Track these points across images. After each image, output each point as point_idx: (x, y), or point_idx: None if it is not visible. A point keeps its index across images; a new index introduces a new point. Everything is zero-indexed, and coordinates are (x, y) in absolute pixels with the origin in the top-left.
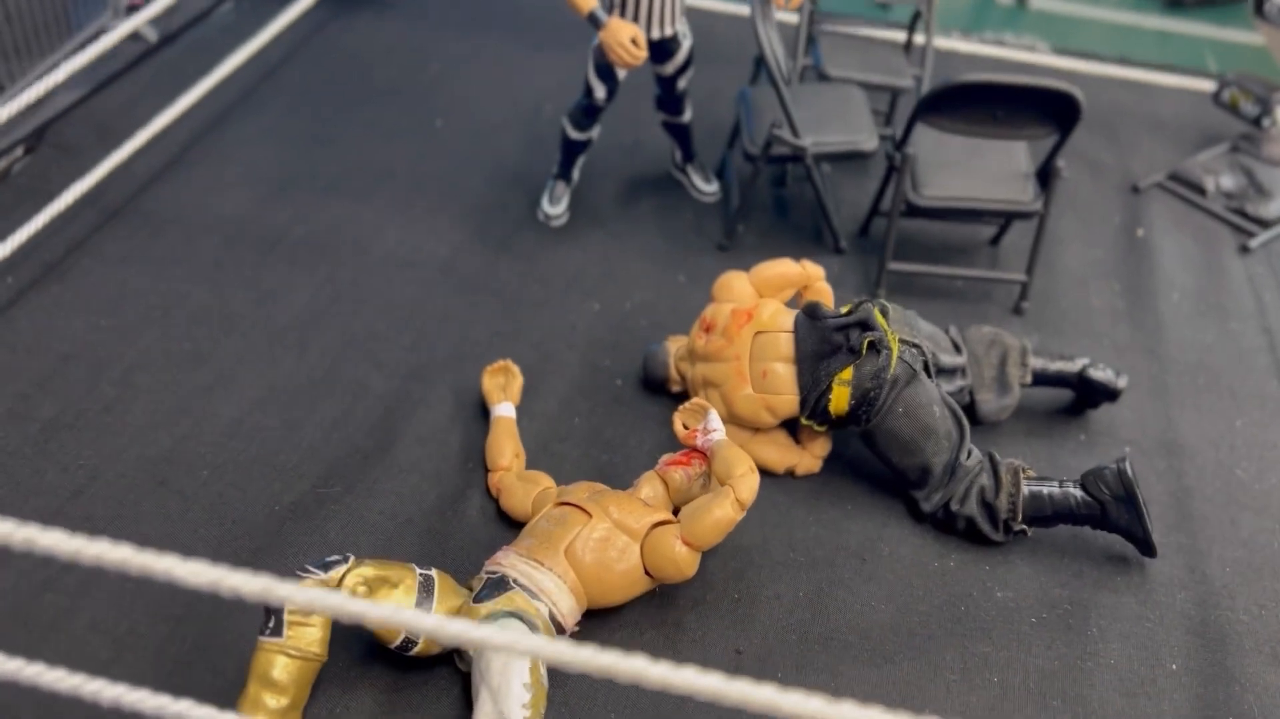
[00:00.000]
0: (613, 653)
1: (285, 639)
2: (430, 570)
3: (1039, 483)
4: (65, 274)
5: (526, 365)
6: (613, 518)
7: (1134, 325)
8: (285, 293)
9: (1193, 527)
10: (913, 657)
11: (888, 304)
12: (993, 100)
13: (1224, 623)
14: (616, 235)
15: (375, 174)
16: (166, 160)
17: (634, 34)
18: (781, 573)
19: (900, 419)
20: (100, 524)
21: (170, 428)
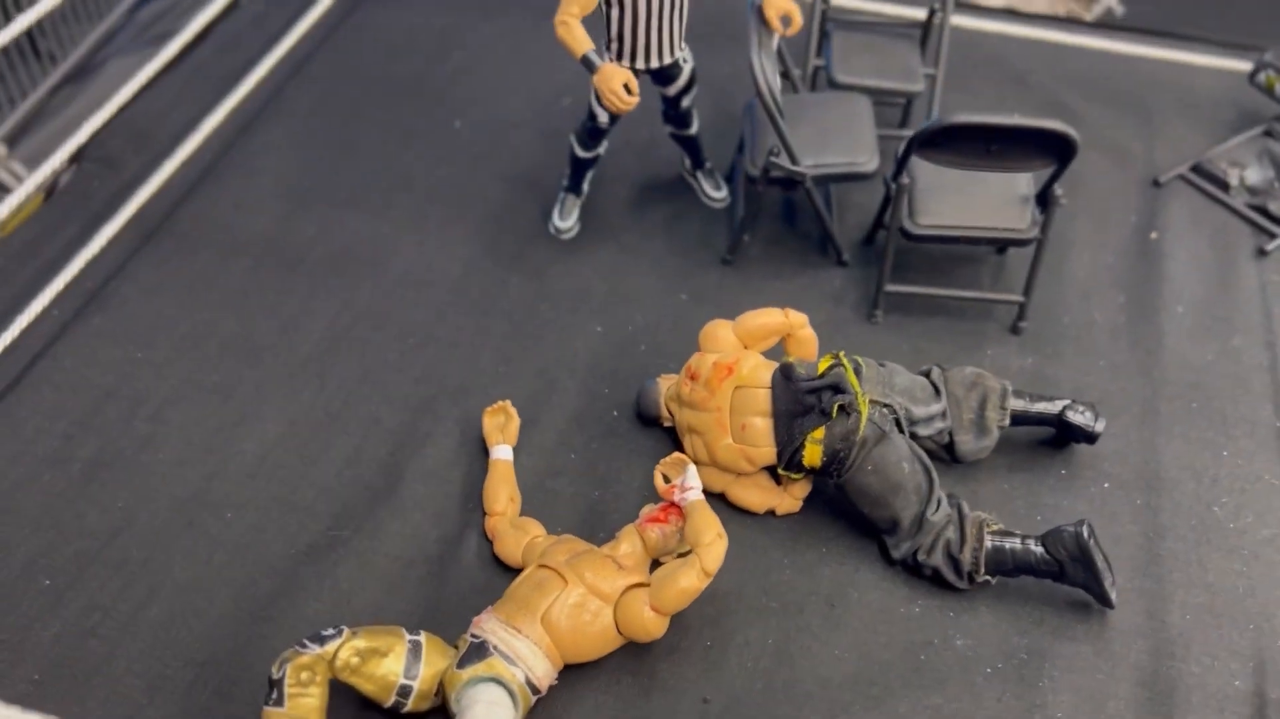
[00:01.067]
0: None
1: (287, 710)
2: (419, 635)
3: (1002, 537)
4: (105, 303)
5: (528, 394)
6: (587, 583)
7: (1133, 343)
8: (306, 319)
9: (1159, 569)
10: (869, 708)
11: (862, 362)
12: (985, 138)
13: (1175, 675)
14: (625, 248)
15: (393, 183)
16: (200, 171)
17: (626, 79)
18: (753, 619)
19: (869, 476)
20: (135, 568)
21: (198, 466)
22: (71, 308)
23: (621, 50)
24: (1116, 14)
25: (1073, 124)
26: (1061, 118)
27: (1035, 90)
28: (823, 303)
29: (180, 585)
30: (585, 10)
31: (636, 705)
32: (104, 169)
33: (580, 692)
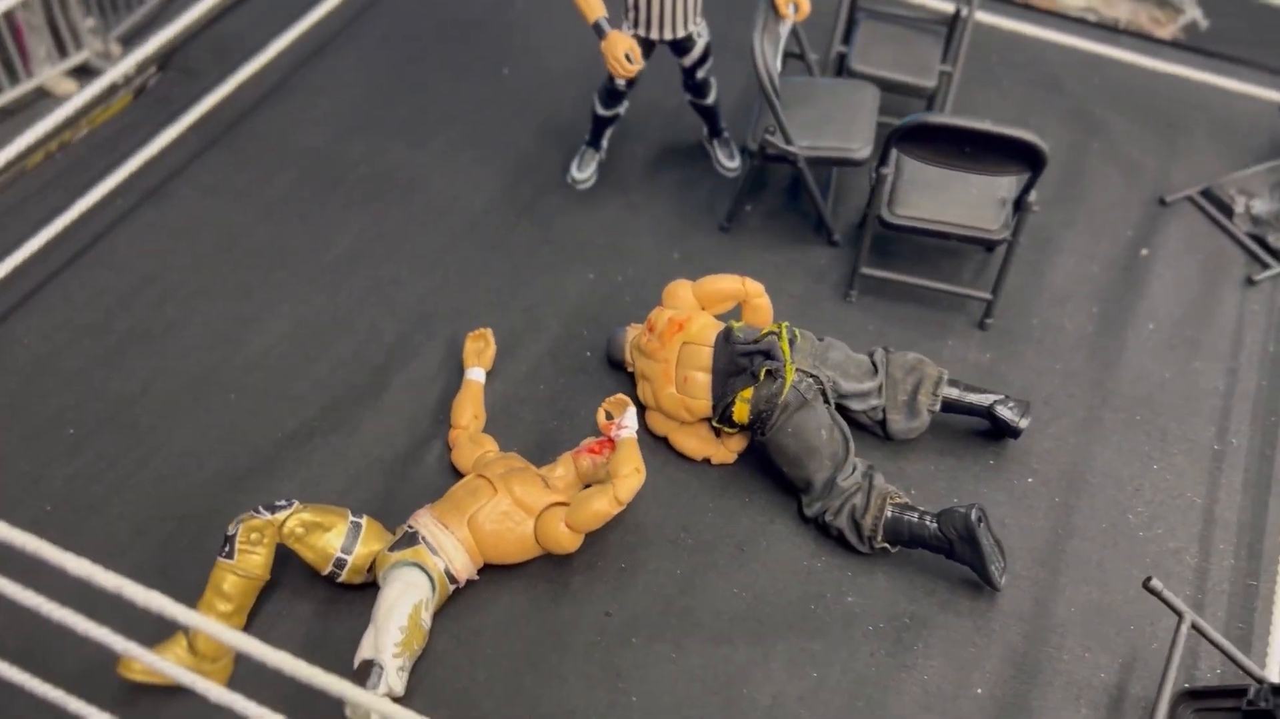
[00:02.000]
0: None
1: (235, 562)
2: (361, 518)
3: (903, 510)
4: (163, 199)
5: (514, 327)
6: (514, 495)
7: (1093, 352)
8: (333, 233)
9: (1059, 563)
10: (750, 643)
11: (799, 334)
12: (959, 140)
13: (1044, 660)
14: (632, 205)
15: (438, 119)
16: (268, 88)
17: (629, 48)
18: (668, 551)
19: (789, 437)
20: (143, 430)
21: (213, 351)
22: (133, 199)
23: (638, 20)
24: (1201, 28)
25: (1093, 135)
26: (1083, 127)
27: (1065, 97)
28: (804, 278)
29: (177, 450)
30: None
31: (546, 609)
32: (186, 77)
33: (499, 591)
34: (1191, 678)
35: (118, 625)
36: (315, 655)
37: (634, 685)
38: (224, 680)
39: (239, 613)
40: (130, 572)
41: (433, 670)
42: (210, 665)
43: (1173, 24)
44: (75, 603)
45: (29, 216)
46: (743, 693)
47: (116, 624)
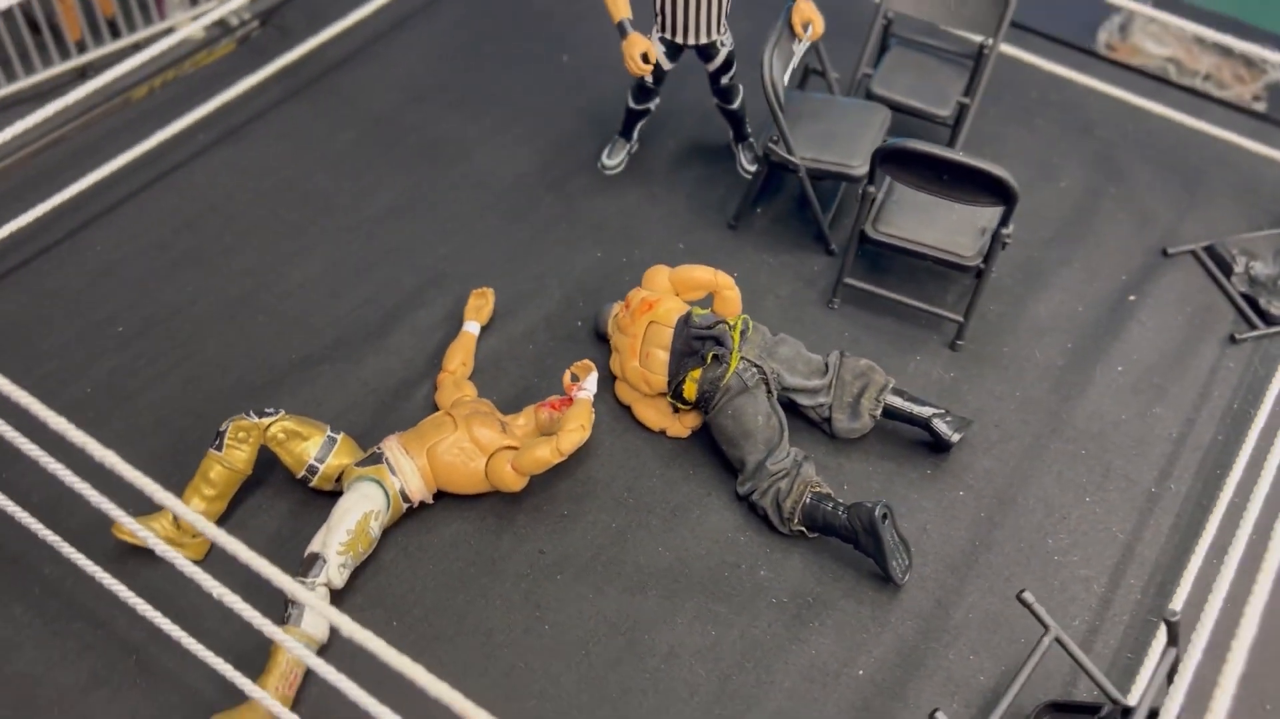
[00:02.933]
0: None
1: (222, 454)
2: (338, 434)
3: (821, 499)
4: (240, 140)
5: (519, 291)
6: (472, 434)
7: (1055, 386)
8: (378, 190)
9: (970, 573)
10: (661, 595)
11: (753, 327)
12: (937, 167)
13: (929, 656)
14: (651, 195)
15: (493, 97)
16: (348, 53)
17: (645, 49)
18: (610, 506)
19: (728, 419)
20: (182, 338)
21: (254, 278)
22: (214, 136)
23: (664, 24)
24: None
25: (1113, 180)
26: (1104, 171)
27: (1094, 141)
28: (795, 281)
29: (206, 358)
30: None
31: (488, 539)
32: (281, 34)
33: (450, 517)
34: (1068, 693)
35: (123, 497)
36: (285, 545)
37: (549, 616)
38: (199, 555)
39: (220, 499)
40: (147, 453)
41: (378, 576)
42: (190, 540)
43: (1256, 83)
44: (89, 473)
45: (122, 141)
46: (644, 638)
47: (123, 496)
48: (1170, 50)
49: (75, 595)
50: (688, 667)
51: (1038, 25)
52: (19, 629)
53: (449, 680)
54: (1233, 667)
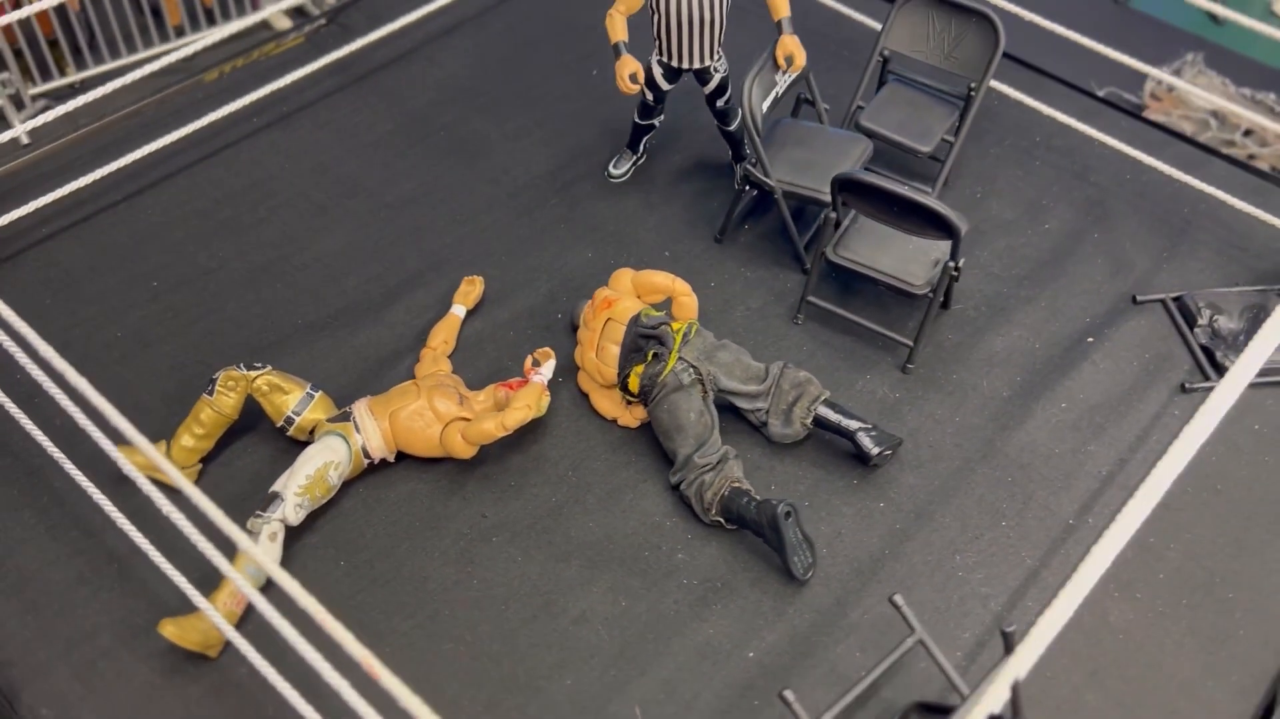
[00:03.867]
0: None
1: (213, 399)
2: (317, 392)
3: (739, 494)
4: (286, 126)
5: (511, 281)
6: (432, 403)
7: (995, 416)
8: (402, 179)
9: (872, 578)
10: (583, 565)
11: (696, 331)
12: (887, 199)
13: (820, 648)
14: (649, 204)
15: (523, 103)
16: (397, 53)
17: (634, 70)
18: (554, 482)
19: (664, 413)
20: (207, 297)
21: (278, 248)
22: (266, 120)
23: (662, 48)
24: None
25: (1098, 225)
26: (1092, 216)
27: (1088, 187)
28: (766, 296)
29: (223, 316)
30: (630, 9)
31: (438, 499)
32: (342, 31)
33: (408, 477)
34: (944, 697)
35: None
36: (262, 483)
37: (479, 572)
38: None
39: (208, 438)
40: (160, 393)
41: (335, 519)
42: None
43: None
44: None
45: (186, 118)
46: (560, 602)
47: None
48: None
49: (76, 508)
50: (594, 631)
51: (1059, 74)
52: (25, 530)
53: (380, 617)
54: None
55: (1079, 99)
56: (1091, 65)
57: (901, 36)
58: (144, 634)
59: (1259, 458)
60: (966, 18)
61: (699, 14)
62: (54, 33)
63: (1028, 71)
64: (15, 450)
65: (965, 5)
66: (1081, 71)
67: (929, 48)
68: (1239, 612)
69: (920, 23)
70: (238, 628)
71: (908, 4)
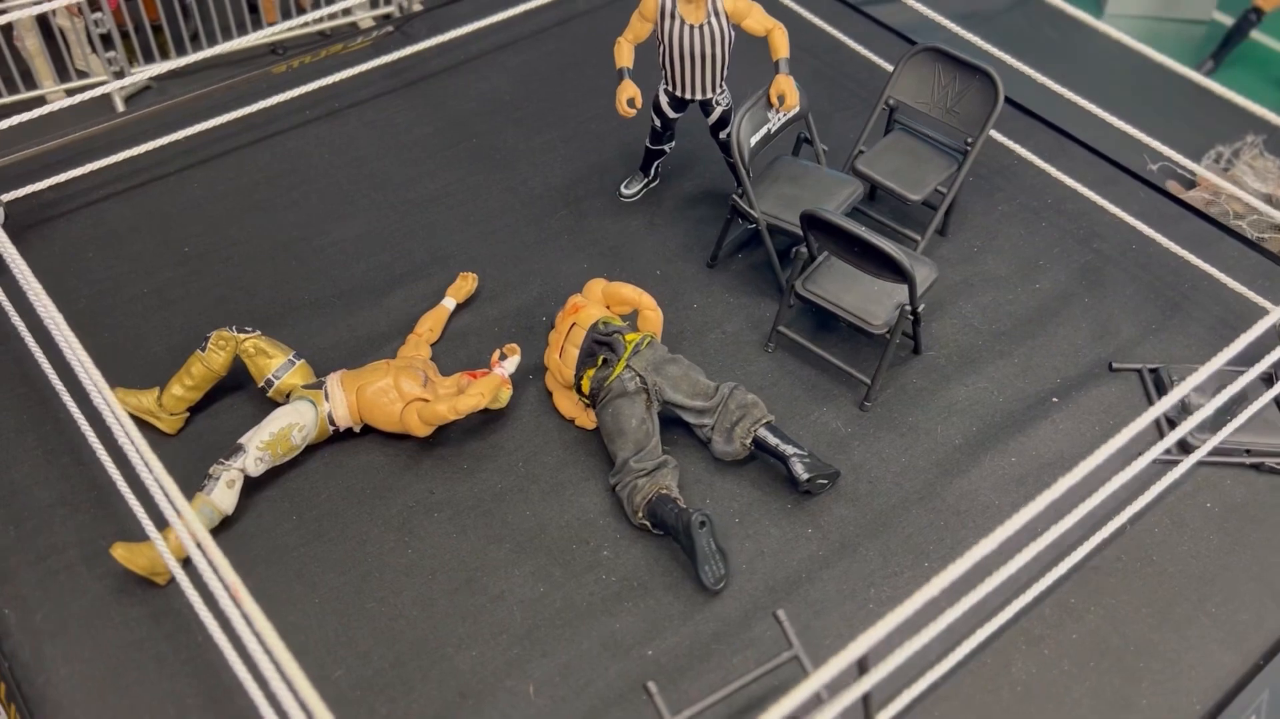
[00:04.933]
0: None
1: (204, 355)
2: (299, 360)
3: (665, 500)
4: (334, 120)
5: (507, 282)
6: (397, 382)
7: (939, 461)
8: (428, 179)
9: (783, 596)
10: (512, 549)
11: (650, 344)
12: (849, 239)
13: (719, 654)
14: (651, 224)
15: (556, 120)
16: (451, 61)
17: (632, 95)
18: (506, 471)
19: (608, 416)
20: (228, 266)
21: (301, 228)
22: (316, 113)
23: (667, 78)
24: None
25: (1090, 290)
26: (1087, 281)
27: (1089, 252)
28: (744, 322)
29: (239, 285)
30: (638, 38)
31: (394, 472)
32: (404, 38)
33: (370, 448)
34: None
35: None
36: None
37: (415, 542)
38: (173, 429)
39: (196, 390)
40: (167, 347)
41: (296, 478)
42: (166, 416)
43: None
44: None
45: (245, 104)
46: (482, 579)
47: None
48: (1271, 187)
49: (72, 438)
50: (508, 610)
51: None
52: (26, 451)
53: (317, 569)
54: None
55: (1100, 165)
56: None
57: (907, 87)
58: (105, 557)
59: (1204, 536)
60: (970, 74)
61: (700, 48)
62: (159, 19)
63: (1053, 134)
64: (33, 381)
65: (970, 62)
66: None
67: (932, 100)
68: (1146, 682)
69: (926, 76)
70: (186, 563)
71: (916, 56)
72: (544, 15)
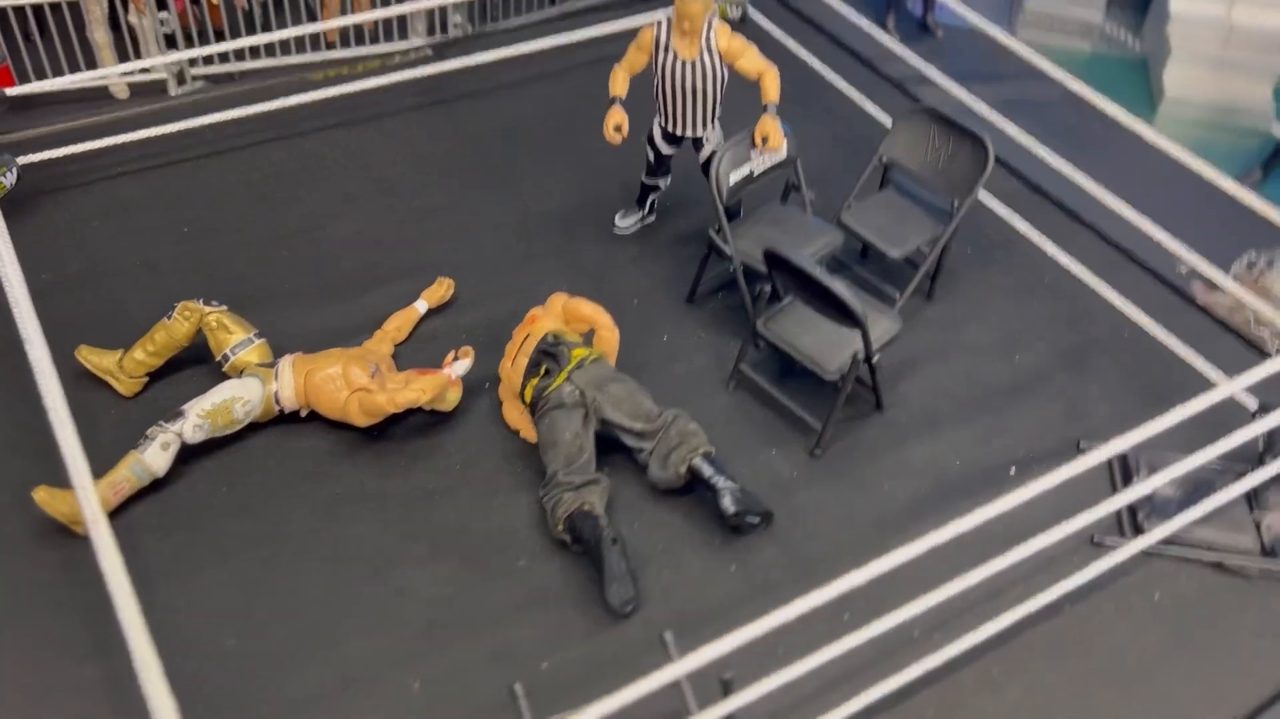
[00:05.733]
0: None
1: (170, 323)
2: (259, 339)
3: (586, 516)
4: (354, 126)
5: (485, 292)
6: (345, 371)
7: (879, 520)
8: (433, 191)
9: (696, 633)
10: (429, 549)
11: (594, 362)
12: (803, 279)
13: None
14: (638, 258)
15: (568, 149)
16: (494, 85)
17: (619, 122)
18: (440, 472)
19: (544, 427)
20: (220, 248)
21: (300, 223)
22: (339, 119)
23: (661, 113)
24: None
25: (1071, 370)
26: (1068, 360)
27: (1073, 333)
28: (710, 359)
29: (228, 266)
30: (634, 69)
31: (330, 459)
32: (437, 60)
33: (315, 433)
34: None
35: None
36: None
37: (335, 529)
38: (130, 392)
39: (157, 357)
40: (148, 317)
41: (237, 452)
42: (124, 378)
43: None
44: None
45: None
46: (392, 573)
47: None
48: None
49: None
50: (411, 606)
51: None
52: None
53: (234, 541)
54: None
55: (1107, 251)
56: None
57: (901, 146)
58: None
59: (1145, 626)
60: (963, 138)
61: (692, 83)
62: (222, 25)
63: (1064, 216)
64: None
65: (964, 127)
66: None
67: (924, 160)
68: None
69: (921, 136)
70: (111, 517)
71: (912, 117)
72: (577, 53)
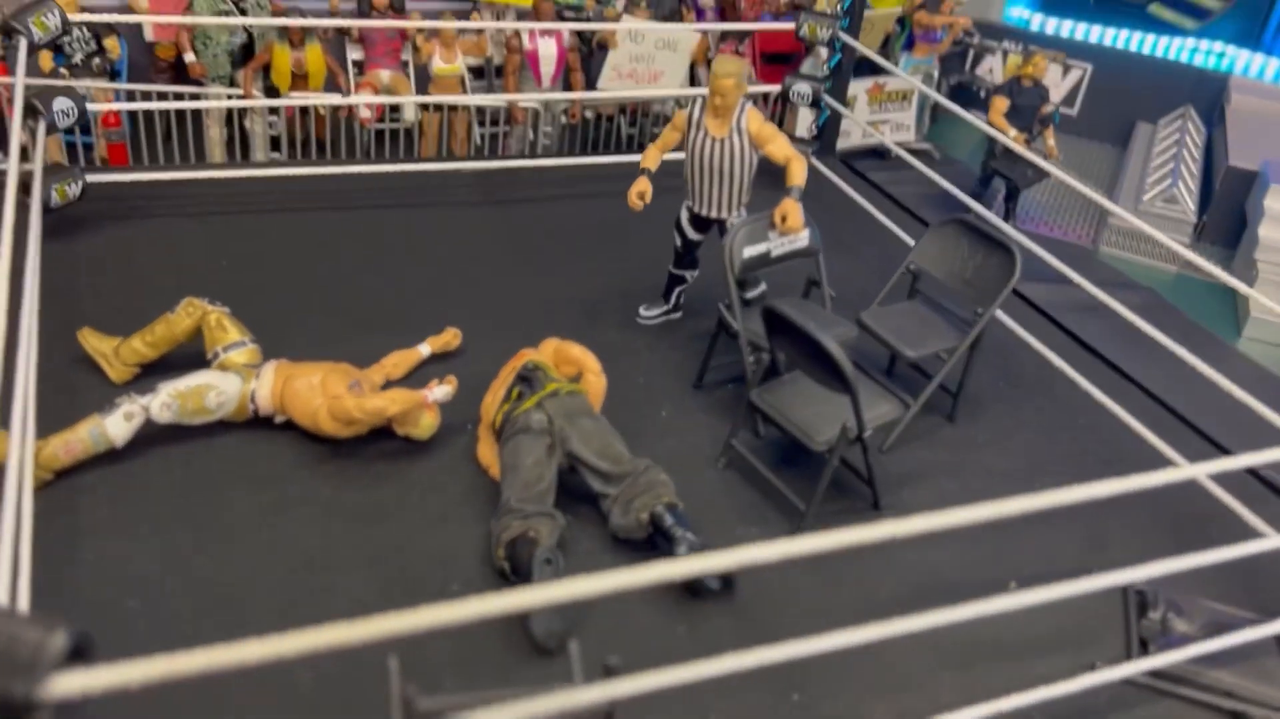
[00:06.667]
0: None
1: (173, 318)
2: (253, 343)
3: (526, 543)
4: (426, 208)
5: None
6: (324, 382)
7: (854, 612)
8: (470, 267)
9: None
10: (364, 560)
11: (569, 394)
12: (798, 337)
13: None
14: (655, 345)
15: (610, 240)
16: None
17: (643, 190)
18: (399, 494)
19: (507, 449)
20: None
21: (341, 271)
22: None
23: (690, 195)
24: None
25: (1097, 502)
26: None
27: (1104, 469)
28: (707, 439)
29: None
30: (666, 147)
31: (296, 465)
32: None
33: (289, 439)
34: None
35: None
36: None
37: (276, 524)
38: (121, 379)
39: (155, 349)
40: (157, 304)
41: (202, 444)
42: (119, 365)
43: None
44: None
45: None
46: (320, 571)
47: None
48: None
49: None
50: (329, 606)
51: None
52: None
53: (172, 519)
54: None
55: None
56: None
57: (930, 255)
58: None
59: None
60: (992, 248)
61: (721, 163)
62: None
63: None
64: None
65: (994, 237)
66: None
67: (952, 269)
68: None
69: (951, 246)
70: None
71: (944, 226)
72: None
